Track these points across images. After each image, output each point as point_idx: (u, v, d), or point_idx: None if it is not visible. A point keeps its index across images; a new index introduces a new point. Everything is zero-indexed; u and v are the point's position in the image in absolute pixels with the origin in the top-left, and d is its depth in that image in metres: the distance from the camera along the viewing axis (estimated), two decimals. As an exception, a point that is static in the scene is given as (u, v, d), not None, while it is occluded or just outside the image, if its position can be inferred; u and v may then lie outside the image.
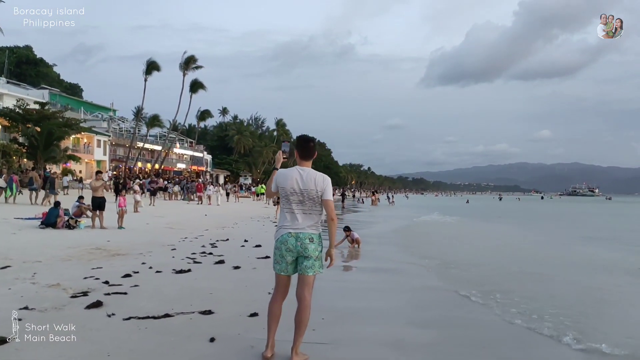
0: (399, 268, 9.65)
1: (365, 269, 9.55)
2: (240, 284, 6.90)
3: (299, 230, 3.86)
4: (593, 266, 11.03)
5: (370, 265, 10.01)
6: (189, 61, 62.62)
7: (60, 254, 8.77)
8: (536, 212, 48.29)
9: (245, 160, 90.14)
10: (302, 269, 3.89)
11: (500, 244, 15.85)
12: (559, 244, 16.21)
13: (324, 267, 3.95)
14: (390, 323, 5.38)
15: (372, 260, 10.66)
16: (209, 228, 15.60)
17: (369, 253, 11.71)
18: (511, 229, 22.77)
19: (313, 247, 3.86)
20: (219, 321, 4.93)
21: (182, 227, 15.54)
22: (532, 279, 8.98)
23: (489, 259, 11.64)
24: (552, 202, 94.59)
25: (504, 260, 11.55)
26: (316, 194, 3.85)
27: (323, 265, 3.95)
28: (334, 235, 3.93)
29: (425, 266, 9.89)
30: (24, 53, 71.30)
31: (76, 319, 4.56)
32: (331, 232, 3.91)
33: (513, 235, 19.52)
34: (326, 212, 3.89)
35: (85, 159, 54.54)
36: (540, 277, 9.15)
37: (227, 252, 10.08)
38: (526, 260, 11.61)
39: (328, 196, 3.87)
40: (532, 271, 9.87)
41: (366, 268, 9.66)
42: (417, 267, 9.78)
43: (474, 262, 10.71)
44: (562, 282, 8.74)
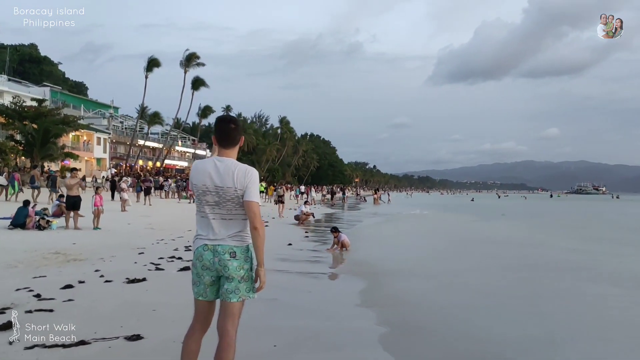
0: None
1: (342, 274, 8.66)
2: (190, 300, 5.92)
3: (217, 241, 2.95)
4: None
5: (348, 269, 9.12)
6: (190, 58, 61.92)
7: (8, 260, 7.91)
8: (541, 210, 47.10)
9: (248, 159, 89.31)
10: (223, 294, 2.97)
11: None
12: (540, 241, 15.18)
13: (254, 290, 3.03)
14: (361, 348, 4.49)
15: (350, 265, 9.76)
16: (194, 229, 14.70)
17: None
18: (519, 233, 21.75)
19: (236, 264, 2.94)
20: (143, 350, 4.04)
21: (165, 227, 14.68)
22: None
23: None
24: (559, 200, 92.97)
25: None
26: (235, 193, 2.93)
27: (253, 289, 3.02)
28: (260, 251, 2.98)
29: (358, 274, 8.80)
30: (27, 51, 70.91)
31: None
32: (256, 246, 2.97)
33: (518, 239, 18.50)
34: (248, 218, 2.95)
35: (85, 156, 53.90)
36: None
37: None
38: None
39: (251, 196, 2.94)
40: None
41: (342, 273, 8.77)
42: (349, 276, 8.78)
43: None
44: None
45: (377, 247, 13.72)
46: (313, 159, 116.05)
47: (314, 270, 9.12)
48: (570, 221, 28.86)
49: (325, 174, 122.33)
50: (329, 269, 9.58)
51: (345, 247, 11.40)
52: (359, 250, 11.83)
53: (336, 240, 11.53)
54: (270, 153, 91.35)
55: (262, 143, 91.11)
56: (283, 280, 7.45)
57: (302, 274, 8.58)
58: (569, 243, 15.07)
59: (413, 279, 8.44)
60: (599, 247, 14.48)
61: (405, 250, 13.14)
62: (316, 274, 8.75)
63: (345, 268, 9.63)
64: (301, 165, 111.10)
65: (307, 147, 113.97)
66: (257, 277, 3.00)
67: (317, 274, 8.77)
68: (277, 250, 10.59)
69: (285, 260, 9.61)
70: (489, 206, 51.74)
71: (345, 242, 11.47)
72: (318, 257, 10.71)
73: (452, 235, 17.92)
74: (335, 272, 9.24)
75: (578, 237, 17.66)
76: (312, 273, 8.78)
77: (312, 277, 8.47)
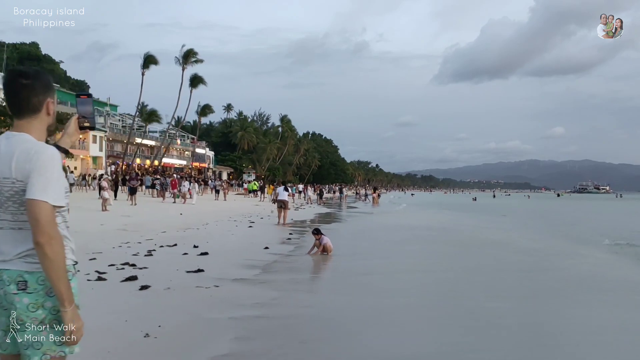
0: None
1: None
2: (116, 319, 4.92)
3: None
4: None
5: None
6: (187, 55, 61.11)
7: None
8: (543, 210, 46.10)
9: (249, 157, 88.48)
10: (20, 347, 1.93)
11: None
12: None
13: (68, 341, 1.93)
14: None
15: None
16: (169, 230, 13.86)
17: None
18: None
19: (28, 301, 1.90)
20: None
21: (140, 229, 13.81)
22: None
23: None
24: (565, 200, 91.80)
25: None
26: (14, 188, 1.93)
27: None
28: (57, 278, 1.85)
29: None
30: (26, 49, 70.21)
31: None
32: (47, 270, 1.85)
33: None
34: (30, 224, 1.88)
35: (81, 155, 53.20)
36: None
37: (159, 263, 8.36)
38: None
39: (33, 192, 1.86)
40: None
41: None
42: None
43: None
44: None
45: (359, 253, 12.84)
46: (314, 157, 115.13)
47: (279, 278, 8.21)
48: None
49: (327, 172, 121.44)
50: (298, 275, 8.70)
51: (327, 251, 10.50)
52: (340, 256, 10.94)
53: (317, 242, 10.63)
54: (271, 152, 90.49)
55: (263, 141, 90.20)
56: (235, 294, 6.55)
57: (263, 284, 7.65)
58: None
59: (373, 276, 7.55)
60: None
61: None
62: (280, 282, 7.83)
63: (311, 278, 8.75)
64: (302, 164, 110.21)
65: (309, 146, 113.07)
66: (66, 322, 1.90)
67: (281, 282, 7.86)
68: (247, 255, 9.75)
69: (252, 268, 8.67)
70: (489, 206, 50.79)
71: (327, 245, 10.55)
72: (292, 263, 9.82)
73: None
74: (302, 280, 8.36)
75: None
76: (275, 282, 7.86)
77: (273, 288, 7.52)
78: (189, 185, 28.38)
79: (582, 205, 61.40)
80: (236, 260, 9.10)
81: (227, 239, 12.48)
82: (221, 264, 8.55)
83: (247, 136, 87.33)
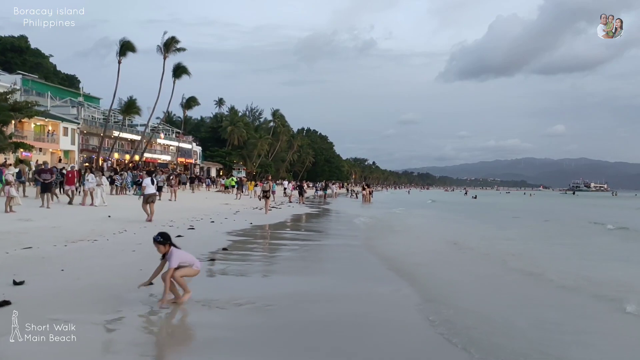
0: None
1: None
2: None
3: None
4: None
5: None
6: (169, 43, 56.63)
7: None
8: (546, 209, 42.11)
9: (239, 153, 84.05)
10: None
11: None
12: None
13: None
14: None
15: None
16: (58, 243, 9.59)
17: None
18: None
19: None
20: None
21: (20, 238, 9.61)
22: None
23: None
24: (568, 197, 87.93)
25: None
26: None
27: None
28: None
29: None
30: (9, 41, 66.01)
31: None
32: None
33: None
34: None
35: (50, 148, 48.80)
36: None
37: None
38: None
39: None
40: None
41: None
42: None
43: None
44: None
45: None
46: (309, 154, 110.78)
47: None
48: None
49: (321, 169, 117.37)
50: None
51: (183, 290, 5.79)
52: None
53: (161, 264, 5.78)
54: (262, 147, 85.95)
55: (254, 137, 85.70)
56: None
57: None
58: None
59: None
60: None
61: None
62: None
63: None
64: (296, 161, 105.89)
65: (303, 142, 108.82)
66: None
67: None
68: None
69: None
70: (493, 205, 46.86)
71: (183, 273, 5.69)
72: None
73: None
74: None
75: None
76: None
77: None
78: (94, 180, 19.88)
79: (598, 202, 57.32)
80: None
81: (108, 259, 8.16)
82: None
83: (237, 131, 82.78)
